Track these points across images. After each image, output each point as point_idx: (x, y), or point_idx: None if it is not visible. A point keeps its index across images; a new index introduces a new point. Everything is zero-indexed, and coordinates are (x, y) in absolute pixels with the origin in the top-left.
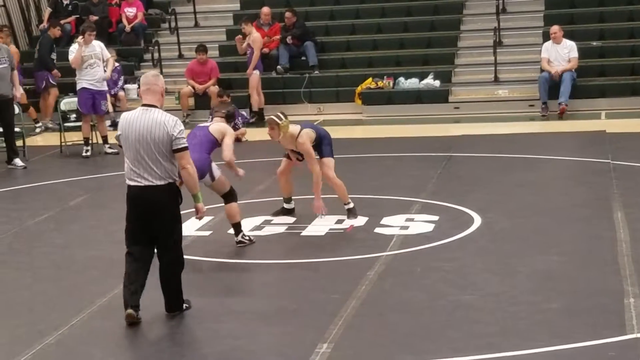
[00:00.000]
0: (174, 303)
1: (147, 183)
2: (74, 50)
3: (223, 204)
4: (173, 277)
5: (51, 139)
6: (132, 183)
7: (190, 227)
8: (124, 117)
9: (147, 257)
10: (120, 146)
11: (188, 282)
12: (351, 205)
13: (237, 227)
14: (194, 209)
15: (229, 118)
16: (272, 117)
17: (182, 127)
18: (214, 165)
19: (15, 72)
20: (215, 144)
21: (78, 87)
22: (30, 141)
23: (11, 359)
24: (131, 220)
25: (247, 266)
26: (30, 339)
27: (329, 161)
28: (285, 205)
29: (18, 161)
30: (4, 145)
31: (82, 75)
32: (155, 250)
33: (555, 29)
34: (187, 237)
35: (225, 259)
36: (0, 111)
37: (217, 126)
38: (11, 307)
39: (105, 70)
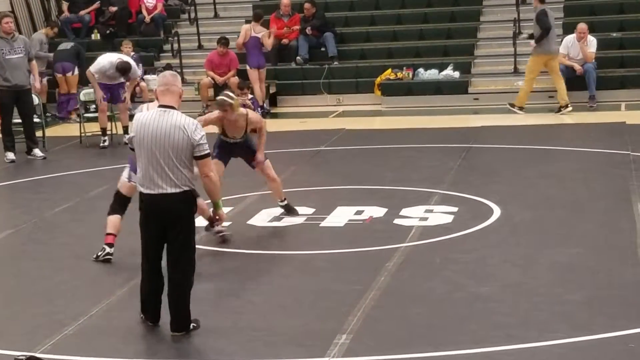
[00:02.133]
0: (180, 323)
1: (161, 191)
2: (102, 62)
3: (241, 195)
4: (181, 298)
5: (71, 130)
6: (145, 191)
7: None
8: (139, 119)
9: (162, 274)
10: (132, 149)
11: (207, 273)
12: (286, 201)
13: (210, 221)
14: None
15: None
16: (223, 97)
17: (203, 131)
18: None
19: (34, 63)
20: None
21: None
22: (50, 132)
23: (31, 348)
24: (145, 231)
25: (266, 257)
26: (49, 329)
27: (269, 162)
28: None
29: (37, 151)
30: (23, 135)
31: (99, 79)
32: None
33: (583, 28)
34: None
35: (245, 249)
36: (17, 101)
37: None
38: (31, 297)
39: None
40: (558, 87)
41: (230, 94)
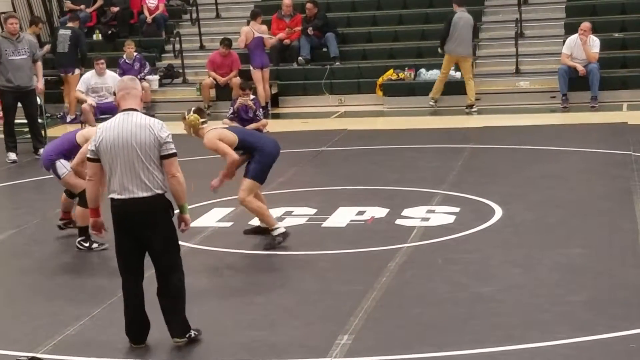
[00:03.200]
0: (179, 327)
1: (132, 196)
2: (86, 81)
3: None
4: (176, 302)
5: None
6: (116, 196)
7: (212, 219)
8: (103, 127)
9: (142, 286)
10: (94, 159)
11: (210, 274)
12: (279, 230)
13: (81, 231)
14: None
15: None
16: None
17: (169, 131)
18: (59, 163)
19: (39, 64)
20: (75, 147)
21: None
22: (52, 132)
23: (33, 349)
24: (119, 240)
25: (268, 257)
26: (51, 330)
27: (248, 183)
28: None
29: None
30: (28, 135)
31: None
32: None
33: (587, 26)
34: (207, 229)
35: (246, 250)
36: (22, 102)
37: (86, 133)
38: (33, 298)
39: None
40: (467, 88)
41: (192, 110)
